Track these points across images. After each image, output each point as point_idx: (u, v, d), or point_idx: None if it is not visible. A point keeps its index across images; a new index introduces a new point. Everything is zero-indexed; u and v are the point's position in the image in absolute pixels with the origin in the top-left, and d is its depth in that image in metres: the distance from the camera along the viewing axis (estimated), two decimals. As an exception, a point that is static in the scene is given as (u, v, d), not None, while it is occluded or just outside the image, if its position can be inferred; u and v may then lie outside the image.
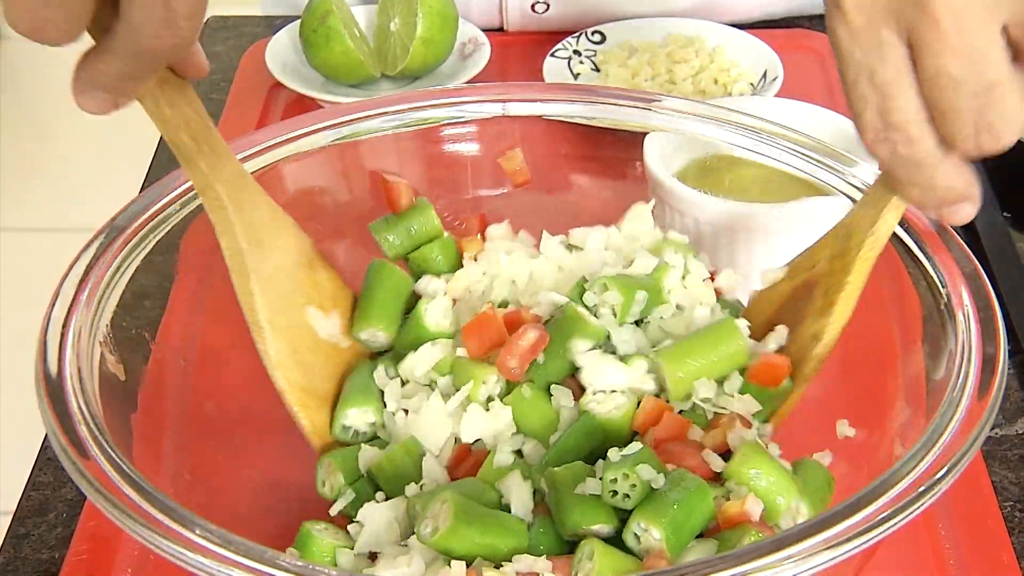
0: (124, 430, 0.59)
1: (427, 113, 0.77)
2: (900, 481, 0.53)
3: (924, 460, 0.54)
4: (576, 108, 0.77)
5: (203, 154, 0.62)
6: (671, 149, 0.83)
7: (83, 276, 0.64)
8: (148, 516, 0.52)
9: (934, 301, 0.63)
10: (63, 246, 0.87)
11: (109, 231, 0.67)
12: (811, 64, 1.16)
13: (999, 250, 0.91)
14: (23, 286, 1.87)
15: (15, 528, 0.75)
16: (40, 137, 2.71)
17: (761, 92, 1.07)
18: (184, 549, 0.51)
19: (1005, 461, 0.78)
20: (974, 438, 0.55)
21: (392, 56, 1.11)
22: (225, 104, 1.13)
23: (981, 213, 0.59)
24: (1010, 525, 0.74)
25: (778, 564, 0.50)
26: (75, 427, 0.56)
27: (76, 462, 0.54)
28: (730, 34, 1.14)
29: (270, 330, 0.66)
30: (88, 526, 0.73)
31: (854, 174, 0.71)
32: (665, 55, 1.10)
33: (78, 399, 0.57)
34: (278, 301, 0.66)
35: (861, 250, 0.64)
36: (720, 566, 0.50)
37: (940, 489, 0.53)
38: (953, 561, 0.71)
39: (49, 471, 0.78)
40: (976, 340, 0.60)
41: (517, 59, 1.17)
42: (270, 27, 1.22)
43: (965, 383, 0.58)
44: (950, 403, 0.57)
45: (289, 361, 0.67)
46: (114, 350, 0.62)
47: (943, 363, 0.60)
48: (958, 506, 0.73)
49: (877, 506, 0.52)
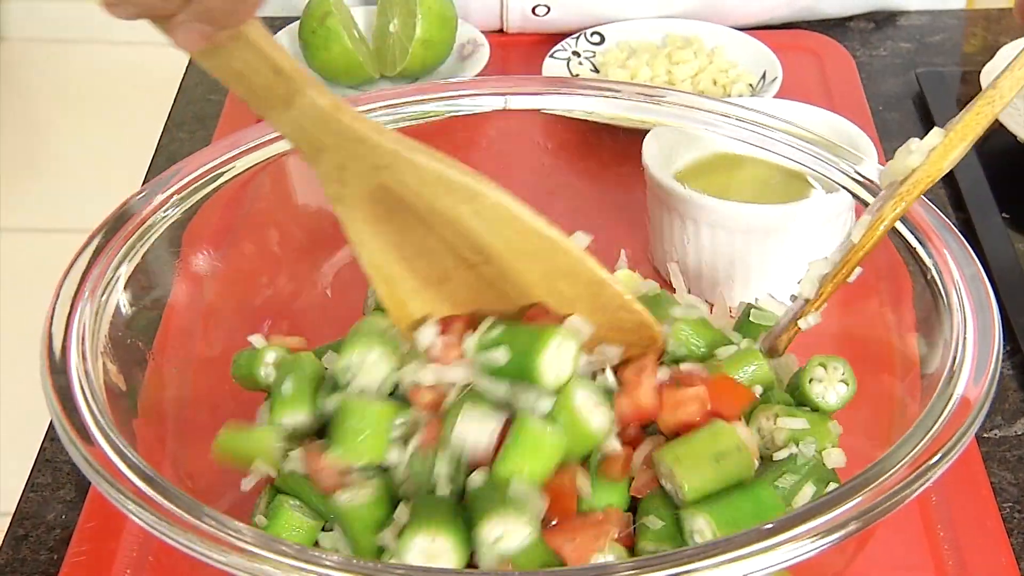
0: (128, 432, 0.59)
1: (426, 107, 0.77)
2: (895, 466, 0.54)
3: (919, 445, 0.54)
4: (576, 102, 0.77)
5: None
6: (671, 149, 0.83)
7: (84, 273, 0.64)
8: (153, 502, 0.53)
9: (930, 292, 0.63)
10: (63, 247, 0.86)
11: (114, 223, 0.67)
12: (810, 65, 1.16)
13: (998, 251, 0.92)
14: (23, 287, 1.87)
15: (14, 529, 0.75)
16: (40, 137, 2.71)
17: (760, 93, 1.07)
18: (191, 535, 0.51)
19: (1004, 462, 0.78)
20: (969, 423, 0.55)
21: (391, 57, 1.11)
22: (224, 105, 1.13)
23: (980, 214, 0.59)
24: (1009, 526, 0.74)
25: (771, 550, 0.50)
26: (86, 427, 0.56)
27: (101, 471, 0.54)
28: (729, 35, 1.14)
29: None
30: (87, 527, 0.73)
31: (859, 170, 0.71)
32: (664, 56, 1.11)
33: (85, 395, 0.57)
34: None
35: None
36: (712, 552, 0.50)
37: (935, 474, 0.54)
38: (952, 562, 0.71)
39: (48, 472, 0.78)
40: (972, 331, 0.60)
41: (516, 60, 1.17)
42: (269, 28, 1.22)
43: (960, 370, 0.58)
44: (945, 389, 0.57)
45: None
46: (114, 358, 0.63)
47: (939, 353, 0.60)
48: (957, 507, 0.74)
49: (869, 491, 0.52)
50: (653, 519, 0.62)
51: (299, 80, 0.60)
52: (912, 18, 1.24)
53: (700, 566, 0.50)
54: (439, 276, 0.66)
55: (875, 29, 1.23)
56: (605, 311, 0.66)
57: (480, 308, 0.66)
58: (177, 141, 1.10)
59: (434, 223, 0.64)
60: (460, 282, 0.66)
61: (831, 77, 1.14)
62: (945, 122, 0.65)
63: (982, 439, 0.80)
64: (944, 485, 0.74)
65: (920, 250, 0.65)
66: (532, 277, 0.65)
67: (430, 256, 0.65)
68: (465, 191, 0.63)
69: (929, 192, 0.65)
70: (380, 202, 0.63)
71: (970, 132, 0.64)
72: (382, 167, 0.62)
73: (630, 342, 0.66)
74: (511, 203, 0.63)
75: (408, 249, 0.65)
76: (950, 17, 1.24)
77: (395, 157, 0.62)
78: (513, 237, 0.64)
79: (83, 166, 2.53)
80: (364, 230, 0.64)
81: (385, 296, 0.66)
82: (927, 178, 0.64)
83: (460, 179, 0.62)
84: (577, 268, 0.65)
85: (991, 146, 1.02)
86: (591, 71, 1.13)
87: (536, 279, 0.65)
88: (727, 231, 0.80)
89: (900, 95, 1.13)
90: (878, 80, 1.15)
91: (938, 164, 0.64)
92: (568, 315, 0.65)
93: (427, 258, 0.65)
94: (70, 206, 2.40)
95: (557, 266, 0.65)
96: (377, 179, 0.62)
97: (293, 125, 0.61)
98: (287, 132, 0.61)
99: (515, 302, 0.66)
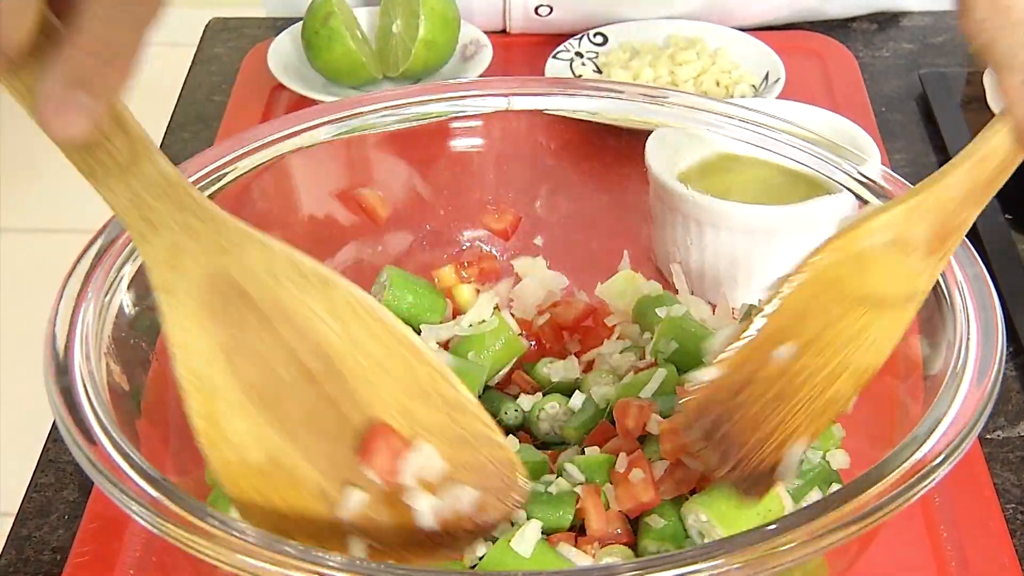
0: (131, 432, 0.59)
1: (428, 108, 0.77)
2: (898, 468, 0.53)
3: (922, 447, 0.54)
4: (579, 102, 0.77)
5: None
6: (673, 150, 0.83)
7: (88, 274, 0.64)
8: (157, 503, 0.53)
9: (933, 294, 0.63)
10: (64, 247, 0.86)
11: (117, 224, 0.67)
12: (813, 66, 1.16)
13: (1001, 252, 0.92)
14: (24, 287, 1.87)
15: (17, 530, 0.75)
16: (41, 137, 2.70)
17: (763, 94, 1.07)
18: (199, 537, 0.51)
19: (1007, 463, 0.78)
20: (972, 424, 0.55)
21: (394, 58, 1.11)
22: (227, 106, 1.13)
23: (983, 215, 0.59)
24: (1012, 527, 0.74)
25: (775, 550, 0.50)
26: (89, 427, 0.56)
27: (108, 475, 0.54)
28: (732, 36, 1.14)
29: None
30: (90, 528, 0.73)
31: (861, 171, 0.71)
32: (667, 57, 1.10)
33: (88, 395, 0.57)
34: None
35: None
36: (714, 553, 0.50)
37: (938, 476, 0.53)
38: (955, 563, 0.71)
39: (51, 472, 0.78)
40: (976, 331, 0.60)
41: (519, 61, 1.17)
42: (272, 29, 1.22)
43: (963, 371, 0.58)
44: (948, 390, 0.57)
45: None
46: (117, 359, 0.63)
47: (941, 354, 0.60)
48: (960, 508, 0.74)
49: (874, 491, 0.52)
50: (655, 518, 0.62)
51: (146, 145, 0.51)
52: (915, 19, 1.24)
53: (702, 567, 0.49)
54: (270, 392, 0.56)
55: (878, 30, 1.23)
56: (464, 445, 0.56)
57: (312, 434, 0.56)
58: (180, 142, 1.10)
59: (276, 320, 0.55)
60: (294, 401, 0.56)
61: (834, 78, 1.14)
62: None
63: (985, 440, 0.80)
64: (947, 486, 0.74)
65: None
66: (382, 394, 0.56)
67: (264, 364, 0.55)
68: (319, 281, 0.55)
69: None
70: (217, 294, 0.54)
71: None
72: (226, 249, 0.54)
73: (488, 487, 0.56)
74: (371, 301, 0.55)
75: (240, 354, 0.55)
76: (953, 18, 1.24)
77: (244, 237, 0.54)
78: (367, 342, 0.55)
79: (85, 166, 2.53)
80: (190, 329, 0.55)
81: (197, 412, 0.56)
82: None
83: (314, 267, 0.55)
84: (439, 387, 0.56)
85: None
86: (594, 72, 1.13)
87: (386, 397, 0.56)
88: (730, 232, 0.80)
89: (903, 96, 1.13)
90: (881, 81, 1.15)
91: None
92: (415, 439, 0.56)
93: (260, 366, 0.55)
94: (71, 206, 2.39)
95: (416, 382, 0.56)
96: (218, 264, 0.54)
97: (129, 195, 0.52)
98: (119, 203, 0.53)
99: (356, 427, 0.56)
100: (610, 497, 0.63)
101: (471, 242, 0.81)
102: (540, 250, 0.81)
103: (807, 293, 0.57)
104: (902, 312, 0.58)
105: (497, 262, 0.80)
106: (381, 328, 0.55)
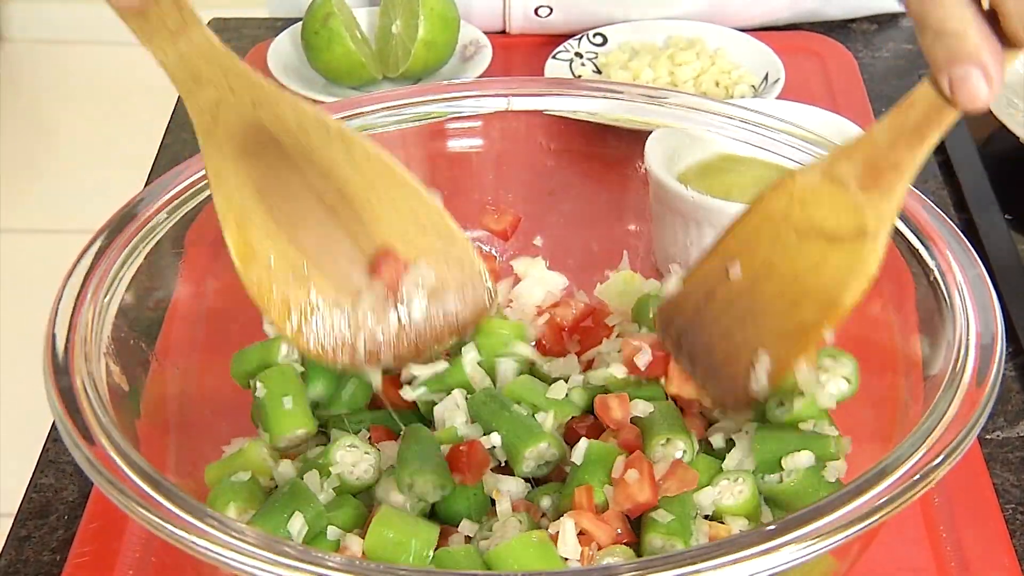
0: (130, 432, 0.59)
1: (428, 108, 0.77)
2: (898, 468, 0.54)
3: (921, 447, 0.54)
4: (579, 103, 0.77)
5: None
6: (673, 151, 0.83)
7: (87, 274, 0.64)
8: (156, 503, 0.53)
9: (933, 294, 0.63)
10: (64, 247, 0.86)
11: (117, 224, 0.67)
12: (813, 66, 1.16)
13: (1000, 251, 0.92)
14: (24, 287, 1.87)
15: (16, 530, 0.75)
16: (40, 137, 2.71)
17: (763, 94, 1.07)
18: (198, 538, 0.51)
19: (1007, 464, 0.78)
20: (972, 424, 0.55)
21: (394, 58, 1.11)
22: (227, 106, 1.13)
23: (983, 215, 0.59)
24: (1011, 528, 0.74)
25: (775, 550, 0.50)
26: (89, 428, 0.56)
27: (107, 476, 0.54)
28: (732, 36, 1.14)
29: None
30: (90, 528, 0.73)
31: None
32: (667, 57, 1.10)
33: (88, 395, 0.57)
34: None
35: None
36: (715, 553, 0.50)
37: (937, 476, 0.54)
38: (954, 563, 0.71)
39: (51, 473, 0.78)
40: (975, 332, 0.60)
41: (518, 61, 1.17)
42: (272, 29, 1.22)
43: (963, 371, 0.58)
44: (947, 390, 0.57)
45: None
46: (116, 359, 0.63)
47: (941, 354, 0.60)
48: (960, 508, 0.74)
49: (875, 492, 0.52)
50: (662, 512, 0.62)
51: (194, 16, 0.61)
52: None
53: (703, 567, 0.50)
54: (294, 219, 0.67)
55: (878, 30, 1.23)
56: (451, 264, 0.69)
57: (330, 255, 0.68)
58: (180, 142, 1.10)
59: (302, 164, 0.65)
60: (313, 223, 0.67)
61: (834, 78, 1.14)
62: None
63: (985, 440, 0.80)
64: (947, 486, 0.74)
65: (923, 252, 0.65)
66: (387, 223, 0.67)
67: (290, 196, 0.66)
68: (341, 136, 0.65)
69: (931, 193, 0.65)
70: (250, 139, 0.65)
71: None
72: (262, 103, 0.64)
73: (466, 295, 0.70)
74: (384, 154, 0.66)
75: (268, 187, 0.66)
76: (952, 18, 1.24)
77: (278, 96, 0.64)
78: (379, 185, 0.66)
79: (85, 167, 2.53)
80: (226, 166, 0.65)
81: (232, 235, 0.66)
82: None
83: (337, 125, 0.65)
84: (435, 219, 0.68)
85: (993, 147, 1.02)
86: (593, 72, 1.13)
87: (390, 225, 0.67)
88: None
89: (903, 96, 1.13)
90: (880, 81, 1.15)
91: None
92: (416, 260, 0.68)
93: (285, 196, 0.66)
94: (72, 207, 2.40)
95: (416, 218, 0.67)
96: (254, 116, 0.64)
97: (177, 55, 0.62)
98: (169, 62, 0.62)
99: (363, 246, 0.68)
100: (609, 497, 0.63)
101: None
102: (540, 250, 0.81)
103: (756, 222, 0.64)
104: (858, 246, 0.60)
105: (497, 262, 0.80)
106: (391, 175, 0.66)
